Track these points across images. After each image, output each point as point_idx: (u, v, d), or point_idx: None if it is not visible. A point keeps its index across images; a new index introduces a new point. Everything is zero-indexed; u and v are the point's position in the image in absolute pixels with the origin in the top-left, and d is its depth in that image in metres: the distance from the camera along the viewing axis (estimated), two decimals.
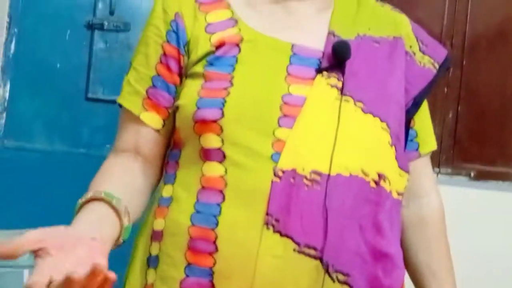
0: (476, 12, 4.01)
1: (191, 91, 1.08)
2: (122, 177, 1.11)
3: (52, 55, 3.43)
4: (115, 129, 1.20)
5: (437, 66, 1.22)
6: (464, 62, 4.01)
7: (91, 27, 3.45)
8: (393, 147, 1.11)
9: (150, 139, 1.14)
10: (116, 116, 1.21)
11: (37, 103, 3.43)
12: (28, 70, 3.42)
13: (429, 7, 3.98)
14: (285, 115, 1.03)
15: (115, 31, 3.48)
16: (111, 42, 3.49)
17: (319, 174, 1.03)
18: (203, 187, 1.06)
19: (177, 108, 1.11)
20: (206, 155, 1.06)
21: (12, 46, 3.37)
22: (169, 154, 1.17)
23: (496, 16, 4.08)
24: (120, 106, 1.18)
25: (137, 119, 1.12)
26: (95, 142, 3.43)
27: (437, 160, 3.98)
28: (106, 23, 3.45)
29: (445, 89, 3.98)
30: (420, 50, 1.22)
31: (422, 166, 1.27)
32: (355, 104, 1.07)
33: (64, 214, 1.13)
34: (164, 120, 1.13)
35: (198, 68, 1.09)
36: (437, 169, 3.99)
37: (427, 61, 1.22)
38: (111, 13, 3.47)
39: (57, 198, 2.77)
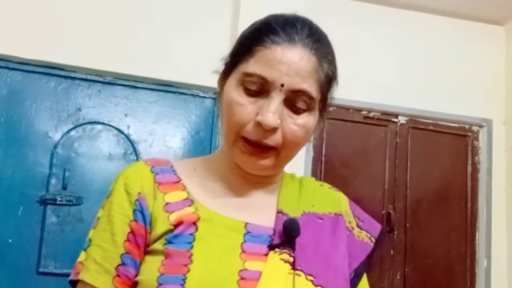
0: (415, 177, 4.21)
1: (151, 267, 1.12)
2: None
3: (4, 230, 3.46)
4: None
5: (373, 240, 1.32)
6: (408, 225, 4.15)
7: (43, 202, 3.52)
8: None
9: None
10: None
11: None
12: None
13: (370, 174, 4.16)
14: None
15: (68, 205, 3.54)
16: (64, 216, 3.54)
17: None
18: None
19: (136, 283, 1.14)
20: None
21: None
22: None
23: (434, 180, 4.29)
24: (72, 282, 1.20)
25: None
26: None
27: None
28: (58, 198, 3.53)
29: (391, 252, 4.08)
30: (357, 225, 1.31)
31: None
32: (306, 277, 1.13)
33: None
34: None
35: (158, 246, 1.13)
36: None
37: (364, 235, 1.30)
38: (64, 188, 3.56)
39: None
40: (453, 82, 4.38)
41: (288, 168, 1.31)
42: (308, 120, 1.17)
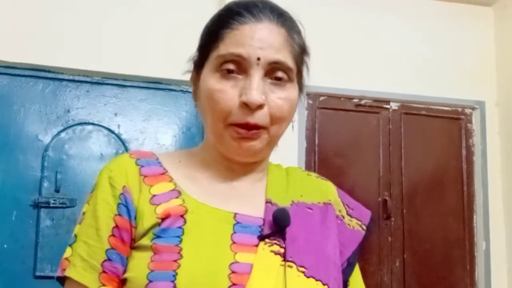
0: (410, 163, 4.20)
1: (140, 263, 1.10)
2: None
3: None
4: None
5: (364, 227, 1.30)
6: (404, 211, 4.13)
7: (37, 205, 3.50)
8: None
9: None
10: None
11: None
12: None
13: (364, 162, 4.13)
14: (234, 284, 1.06)
15: (61, 207, 3.52)
16: (58, 219, 3.52)
17: None
18: None
19: (125, 280, 1.12)
20: None
21: None
22: None
23: (429, 165, 4.27)
24: (59, 279, 1.17)
25: None
26: None
27: None
28: (52, 201, 3.51)
29: (390, 239, 4.07)
30: (347, 213, 1.29)
31: None
32: (298, 269, 1.11)
33: None
34: None
35: (146, 241, 1.11)
36: None
37: (355, 223, 1.29)
38: (57, 190, 3.53)
39: None
40: (444, 65, 4.36)
41: (282, 159, 1.30)
42: (290, 92, 1.17)
